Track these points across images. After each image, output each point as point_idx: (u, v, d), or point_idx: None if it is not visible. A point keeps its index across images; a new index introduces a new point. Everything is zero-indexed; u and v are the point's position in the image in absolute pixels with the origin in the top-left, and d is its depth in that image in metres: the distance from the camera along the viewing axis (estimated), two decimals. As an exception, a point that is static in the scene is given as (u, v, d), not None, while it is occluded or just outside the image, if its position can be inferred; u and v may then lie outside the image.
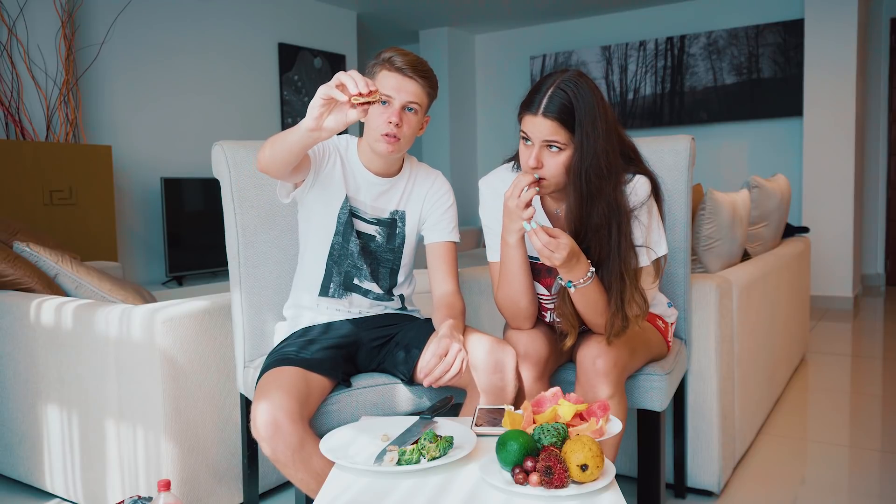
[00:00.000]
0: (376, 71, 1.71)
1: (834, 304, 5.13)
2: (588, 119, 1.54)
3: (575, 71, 1.59)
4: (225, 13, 4.94)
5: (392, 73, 1.69)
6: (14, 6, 3.68)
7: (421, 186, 1.86)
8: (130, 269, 4.37)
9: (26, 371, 2.16)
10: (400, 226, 1.84)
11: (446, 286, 1.84)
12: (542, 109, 1.54)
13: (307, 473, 1.50)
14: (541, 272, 1.74)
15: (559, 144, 1.55)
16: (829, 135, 5.08)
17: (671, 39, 5.95)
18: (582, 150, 1.55)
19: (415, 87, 1.70)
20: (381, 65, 1.70)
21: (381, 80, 1.69)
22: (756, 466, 2.36)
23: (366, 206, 1.81)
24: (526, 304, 1.71)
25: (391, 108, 1.69)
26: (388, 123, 1.68)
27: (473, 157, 7.04)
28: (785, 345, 3.06)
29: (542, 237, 1.49)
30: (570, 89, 1.54)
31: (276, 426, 1.47)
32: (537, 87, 1.58)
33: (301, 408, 1.52)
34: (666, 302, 1.91)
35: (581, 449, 1.18)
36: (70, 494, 2.11)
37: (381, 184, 1.81)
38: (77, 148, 3.70)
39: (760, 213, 3.02)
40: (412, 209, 1.85)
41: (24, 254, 2.29)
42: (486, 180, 1.80)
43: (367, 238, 1.82)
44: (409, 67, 1.69)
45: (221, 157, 1.88)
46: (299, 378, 1.58)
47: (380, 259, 1.84)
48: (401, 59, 1.69)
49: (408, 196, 1.85)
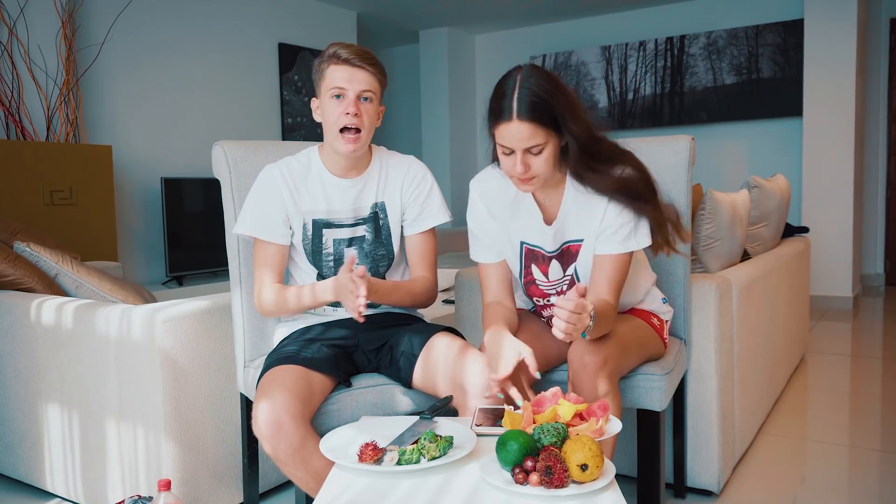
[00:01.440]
0: (323, 69, 1.69)
1: (834, 304, 5.13)
2: (565, 105, 1.52)
3: (530, 66, 1.56)
4: (225, 13, 4.94)
5: (340, 66, 1.67)
6: (14, 6, 3.68)
7: (396, 176, 1.84)
8: (130, 269, 4.37)
9: (27, 371, 2.16)
10: (382, 217, 1.82)
11: (420, 272, 1.86)
12: (514, 114, 1.50)
13: (307, 472, 1.51)
14: (538, 258, 1.75)
15: (540, 145, 1.54)
16: (829, 135, 5.08)
17: (671, 39, 5.95)
18: (574, 138, 1.54)
19: (366, 75, 1.68)
20: (328, 61, 1.69)
21: (329, 75, 1.68)
22: (756, 466, 2.36)
23: (344, 211, 1.79)
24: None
25: (346, 99, 1.68)
26: (346, 115, 1.67)
27: (473, 157, 7.04)
28: (785, 345, 3.06)
29: (567, 333, 1.43)
30: (536, 85, 1.51)
31: (278, 425, 1.47)
32: (500, 94, 1.54)
33: (303, 407, 1.52)
34: (661, 298, 1.90)
35: (581, 449, 1.18)
36: (70, 494, 2.11)
37: (354, 184, 1.79)
38: (77, 148, 3.70)
39: (760, 213, 3.02)
40: (391, 199, 1.83)
41: (24, 254, 2.29)
42: (476, 183, 1.78)
43: (359, 241, 1.80)
44: (357, 57, 1.67)
45: (221, 156, 1.88)
46: (301, 377, 1.58)
47: (376, 259, 1.83)
48: (346, 50, 1.68)
49: (384, 187, 1.82)
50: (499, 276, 1.79)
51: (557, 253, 1.73)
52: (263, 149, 1.94)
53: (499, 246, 1.77)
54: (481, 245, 1.78)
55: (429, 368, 1.68)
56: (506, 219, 1.75)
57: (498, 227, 1.75)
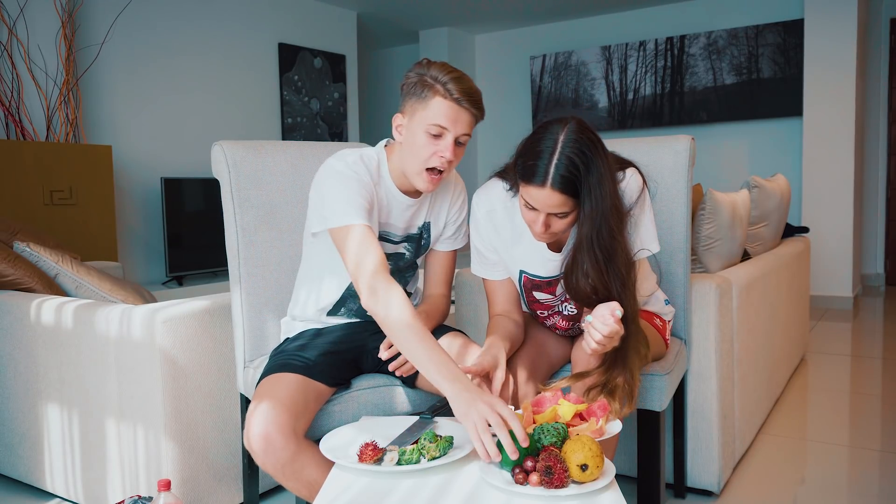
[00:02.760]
0: (427, 96, 1.54)
1: (834, 304, 5.13)
2: (596, 181, 1.45)
3: (575, 125, 1.46)
4: (225, 13, 4.94)
5: (448, 103, 1.53)
6: (14, 6, 3.68)
7: (444, 196, 1.78)
8: (130, 269, 4.37)
9: (26, 371, 2.16)
10: (426, 237, 1.78)
11: (439, 289, 1.83)
12: (549, 181, 1.43)
13: (299, 483, 1.49)
14: (540, 286, 1.73)
15: (567, 211, 1.48)
16: (829, 135, 5.08)
17: (671, 39, 5.95)
18: (592, 218, 1.47)
19: (470, 118, 1.56)
20: (435, 90, 1.53)
21: (434, 107, 1.53)
22: (756, 466, 2.36)
23: (397, 227, 1.73)
24: None
25: (444, 140, 1.55)
26: (441, 158, 1.55)
27: (474, 157, 7.04)
28: (785, 345, 3.06)
29: (596, 352, 1.45)
30: (577, 154, 1.42)
31: (267, 440, 1.44)
32: (536, 151, 1.45)
33: (295, 421, 1.49)
34: (663, 299, 1.90)
35: (581, 449, 1.18)
36: (70, 494, 2.11)
37: (413, 204, 1.72)
38: (77, 148, 3.70)
39: (760, 213, 3.02)
40: (436, 219, 1.79)
41: (24, 254, 2.29)
42: (480, 200, 1.71)
43: (396, 258, 1.76)
44: (467, 98, 1.53)
45: (221, 156, 1.88)
46: (297, 388, 1.54)
47: (403, 271, 1.80)
48: (457, 86, 1.53)
49: (433, 208, 1.77)
50: (505, 291, 1.77)
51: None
52: (263, 149, 1.94)
53: (504, 265, 1.76)
54: (487, 262, 1.76)
55: None
56: (508, 244, 1.71)
57: (502, 248, 1.73)
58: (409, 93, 1.58)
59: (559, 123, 1.47)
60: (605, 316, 1.41)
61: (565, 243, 1.66)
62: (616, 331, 1.42)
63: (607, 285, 1.51)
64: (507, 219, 1.70)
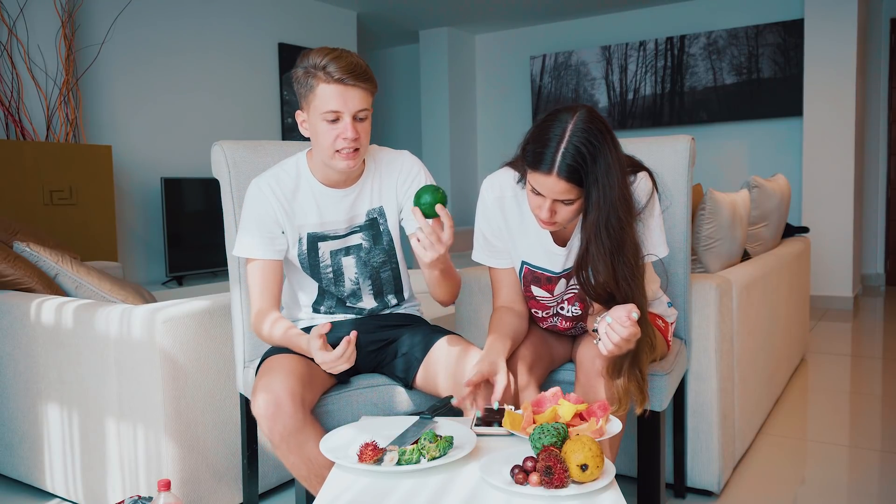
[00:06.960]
0: (312, 84, 1.54)
1: (834, 304, 5.13)
2: (603, 171, 1.44)
3: (585, 114, 1.45)
4: (225, 13, 4.94)
5: (332, 86, 1.52)
6: (14, 6, 3.68)
7: (389, 177, 1.75)
8: (130, 269, 4.38)
9: (26, 371, 2.16)
10: (382, 223, 1.76)
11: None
12: (555, 169, 1.42)
13: (300, 458, 1.49)
14: (540, 280, 1.73)
15: (572, 199, 1.48)
16: (829, 135, 5.08)
17: (671, 39, 5.95)
18: (599, 206, 1.46)
19: (360, 93, 1.54)
20: (316, 76, 1.53)
21: (320, 94, 1.53)
22: (756, 466, 2.36)
23: (338, 221, 1.72)
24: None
25: (341, 122, 1.55)
26: (344, 140, 1.55)
27: (473, 157, 7.04)
28: (785, 345, 3.06)
29: (612, 354, 1.45)
30: (584, 144, 1.42)
31: (277, 405, 1.45)
32: (544, 139, 1.44)
33: (304, 389, 1.50)
34: (666, 301, 1.91)
35: (581, 449, 1.18)
36: (70, 494, 2.11)
37: (347, 194, 1.71)
38: (77, 148, 3.70)
39: (760, 213, 3.02)
40: (388, 202, 1.75)
41: (24, 254, 2.29)
42: (492, 187, 1.71)
43: (356, 250, 1.75)
44: (350, 76, 1.52)
45: (221, 156, 1.88)
46: (301, 363, 1.57)
47: (375, 267, 1.78)
48: (336, 66, 1.51)
49: (379, 191, 1.74)
50: (511, 281, 1.76)
51: (567, 272, 1.70)
52: (263, 149, 1.94)
53: (509, 253, 1.75)
54: (494, 250, 1.74)
55: (430, 368, 1.68)
56: (515, 233, 1.71)
57: (509, 236, 1.73)
58: (299, 87, 1.59)
59: (569, 111, 1.46)
60: (623, 318, 1.41)
61: (570, 237, 1.66)
62: (633, 333, 1.42)
63: (615, 276, 1.50)
64: (515, 207, 1.69)
